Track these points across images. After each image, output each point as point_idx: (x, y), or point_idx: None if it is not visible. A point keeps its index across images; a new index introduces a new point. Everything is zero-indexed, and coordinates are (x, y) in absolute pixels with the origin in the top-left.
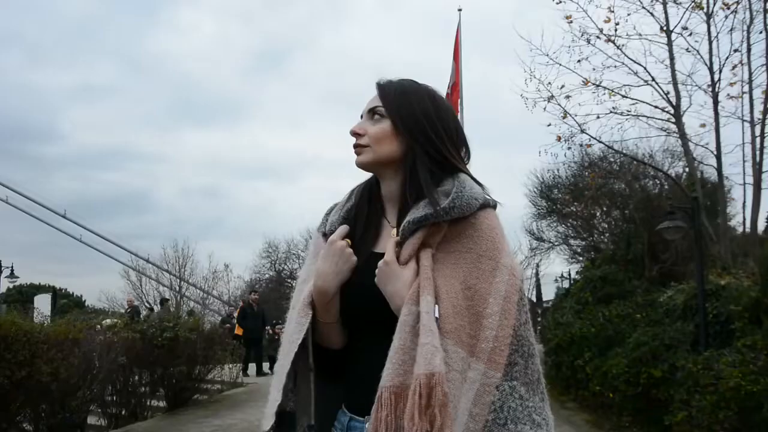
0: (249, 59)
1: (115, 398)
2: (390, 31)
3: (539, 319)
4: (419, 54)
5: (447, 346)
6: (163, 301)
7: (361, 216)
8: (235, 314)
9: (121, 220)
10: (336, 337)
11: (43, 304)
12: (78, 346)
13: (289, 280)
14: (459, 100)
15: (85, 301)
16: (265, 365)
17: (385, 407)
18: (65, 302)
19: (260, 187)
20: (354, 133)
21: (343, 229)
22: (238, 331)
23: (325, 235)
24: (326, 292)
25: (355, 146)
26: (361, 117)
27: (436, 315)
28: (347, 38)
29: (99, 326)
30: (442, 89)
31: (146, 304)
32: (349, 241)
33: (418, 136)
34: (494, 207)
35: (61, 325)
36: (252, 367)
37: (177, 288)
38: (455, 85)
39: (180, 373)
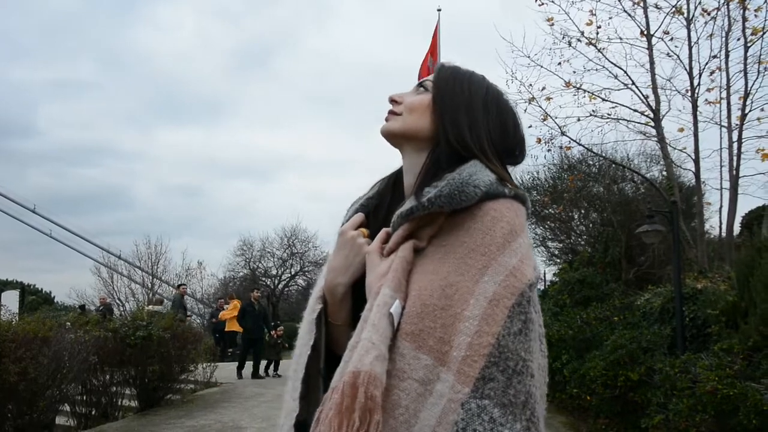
0: (230, 58)
1: (85, 398)
2: (373, 32)
3: None
4: (402, 54)
5: (404, 349)
6: (160, 301)
7: (382, 206)
8: (225, 308)
9: (98, 217)
10: (346, 343)
11: (10, 300)
12: (47, 345)
13: (263, 279)
14: None
15: (54, 297)
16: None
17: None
18: (34, 299)
19: (240, 187)
20: (391, 100)
21: (357, 217)
22: (232, 327)
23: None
24: (335, 288)
25: (388, 113)
26: None
27: (392, 311)
28: (330, 38)
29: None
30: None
31: (118, 301)
32: (364, 231)
33: (451, 117)
34: (514, 197)
35: (30, 323)
36: (248, 366)
37: (149, 285)
38: None
39: (153, 373)
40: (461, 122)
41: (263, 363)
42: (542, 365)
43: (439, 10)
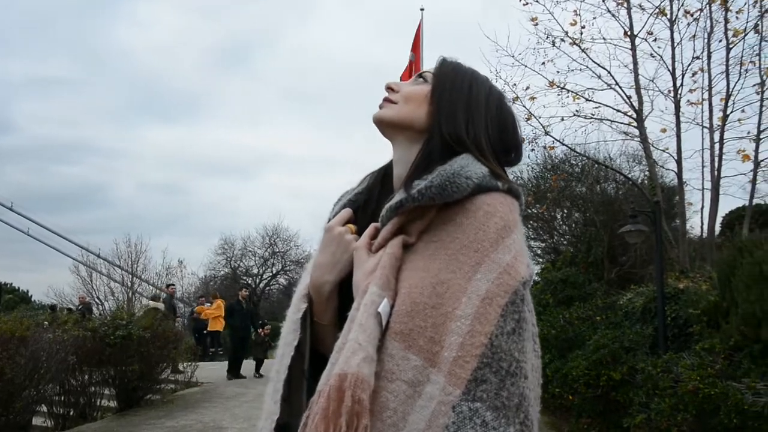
0: (210, 55)
1: (63, 398)
2: (353, 30)
3: None
4: (383, 53)
5: (392, 349)
6: (158, 297)
7: (371, 201)
8: (206, 306)
9: (77, 215)
10: (332, 344)
11: None
12: (25, 345)
13: (244, 278)
14: None
15: (32, 296)
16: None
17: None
18: (10, 297)
19: (220, 184)
20: (388, 87)
21: (345, 213)
22: (215, 326)
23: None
24: (321, 286)
25: (383, 100)
26: None
27: (380, 310)
28: (310, 36)
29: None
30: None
31: (96, 300)
32: (352, 227)
33: (448, 110)
34: (507, 191)
35: (6, 322)
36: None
37: (128, 284)
38: None
39: (132, 373)
40: (458, 117)
41: (245, 363)
42: (536, 366)
43: (422, 9)
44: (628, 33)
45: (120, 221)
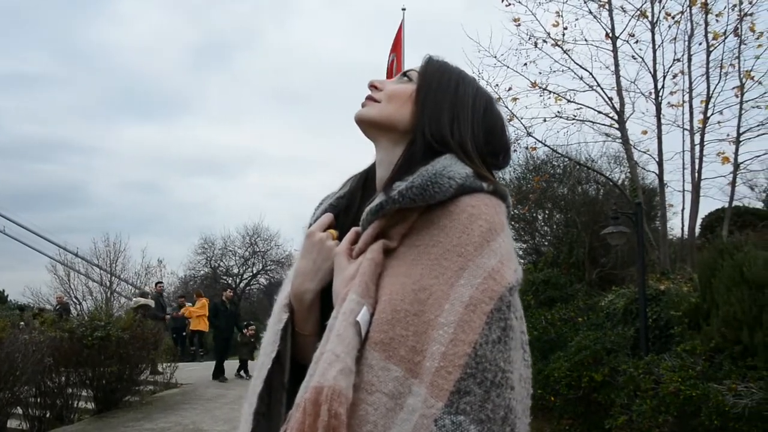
0: (192, 53)
1: (38, 400)
2: (335, 29)
3: None
4: (365, 53)
5: (372, 360)
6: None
7: (353, 205)
8: (185, 305)
9: (55, 214)
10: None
11: None
12: (0, 346)
13: (224, 277)
14: None
15: (8, 296)
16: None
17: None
18: None
19: (200, 184)
20: (371, 85)
21: (326, 218)
22: (199, 326)
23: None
24: (302, 295)
25: (366, 98)
26: None
27: (359, 318)
28: (292, 35)
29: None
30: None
31: (74, 300)
32: (334, 232)
33: (432, 110)
34: (492, 192)
35: None
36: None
37: (107, 283)
38: None
39: (111, 374)
40: (443, 117)
41: (229, 365)
42: (525, 376)
43: (403, 9)
44: (610, 35)
45: (98, 220)
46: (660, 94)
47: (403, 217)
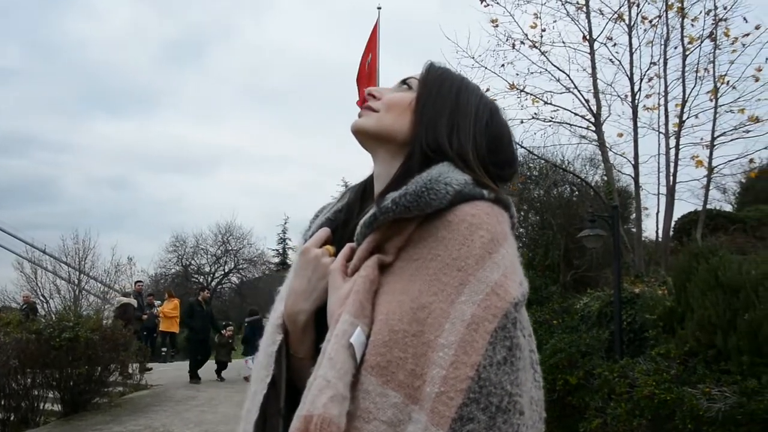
0: (166, 49)
1: (3, 403)
2: (311, 28)
3: None
4: (341, 52)
5: (369, 385)
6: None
7: (351, 220)
8: (156, 305)
9: (22, 210)
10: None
11: None
12: None
13: (195, 276)
14: None
15: None
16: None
17: None
18: None
19: (173, 181)
20: (368, 94)
21: (322, 233)
22: (171, 327)
23: None
24: (296, 316)
25: (363, 108)
26: None
27: (353, 340)
28: (268, 32)
29: None
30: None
31: (41, 298)
32: (330, 249)
33: (431, 119)
34: (495, 201)
35: None
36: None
37: (76, 281)
38: (371, 85)
39: (79, 376)
40: (441, 126)
41: (202, 366)
42: (536, 398)
43: (379, 8)
44: (587, 37)
45: (67, 217)
46: (636, 97)
47: (399, 230)
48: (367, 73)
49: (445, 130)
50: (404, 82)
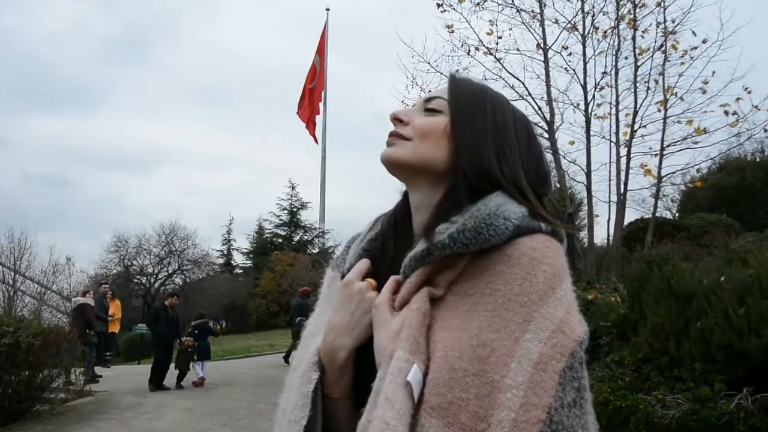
0: (106, 45)
1: None
2: (259, 27)
3: None
4: (290, 52)
5: (429, 428)
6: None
7: (388, 249)
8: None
9: None
10: (347, 421)
11: None
12: None
13: (138, 277)
14: (322, 102)
15: None
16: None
17: None
18: None
19: (112, 178)
20: (395, 119)
21: (363, 264)
22: (113, 328)
23: (344, 277)
24: (336, 353)
25: (391, 135)
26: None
27: (410, 378)
28: (214, 31)
29: None
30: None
31: None
32: (372, 282)
33: (473, 145)
34: (553, 234)
35: None
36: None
37: (10, 282)
38: (318, 86)
39: (19, 383)
40: (486, 152)
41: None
42: None
43: (327, 9)
44: (542, 45)
45: (1, 215)
46: (590, 105)
47: (451, 263)
48: (318, 74)
49: (492, 157)
50: (429, 100)
